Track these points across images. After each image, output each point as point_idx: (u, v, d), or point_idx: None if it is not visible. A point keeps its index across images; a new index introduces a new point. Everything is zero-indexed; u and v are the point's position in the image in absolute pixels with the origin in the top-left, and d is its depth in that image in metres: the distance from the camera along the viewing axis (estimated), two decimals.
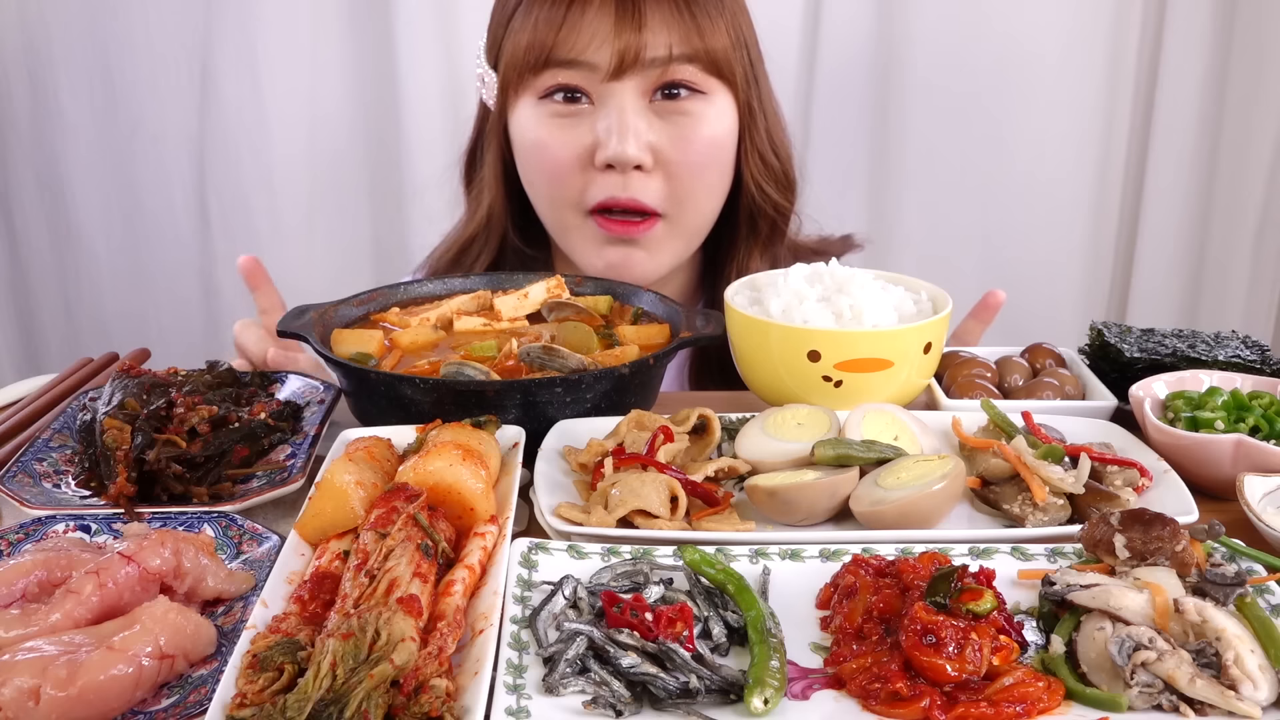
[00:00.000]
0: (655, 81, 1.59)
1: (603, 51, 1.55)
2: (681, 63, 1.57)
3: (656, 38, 1.54)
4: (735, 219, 1.76)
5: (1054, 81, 2.83)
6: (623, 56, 1.53)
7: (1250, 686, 0.86)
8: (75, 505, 1.16)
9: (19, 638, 0.90)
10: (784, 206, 1.75)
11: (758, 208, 1.73)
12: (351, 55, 2.85)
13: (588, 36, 1.55)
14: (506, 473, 1.15)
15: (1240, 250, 2.91)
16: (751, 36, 1.68)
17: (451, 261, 1.81)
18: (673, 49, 1.56)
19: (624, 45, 1.53)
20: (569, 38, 1.56)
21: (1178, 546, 0.96)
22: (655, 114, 1.61)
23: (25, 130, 2.90)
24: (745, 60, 1.64)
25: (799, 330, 1.31)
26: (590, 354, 1.37)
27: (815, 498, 1.13)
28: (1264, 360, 1.43)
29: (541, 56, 1.57)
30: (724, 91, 1.64)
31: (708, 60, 1.58)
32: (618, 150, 1.57)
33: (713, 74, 1.60)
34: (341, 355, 1.37)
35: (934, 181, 2.91)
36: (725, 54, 1.60)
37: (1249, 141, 2.83)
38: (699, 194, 1.67)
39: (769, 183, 1.71)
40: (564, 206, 1.68)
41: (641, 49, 1.54)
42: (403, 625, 0.84)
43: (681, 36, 1.56)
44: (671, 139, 1.61)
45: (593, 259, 1.70)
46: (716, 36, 1.58)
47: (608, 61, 1.55)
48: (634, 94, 1.58)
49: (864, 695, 0.87)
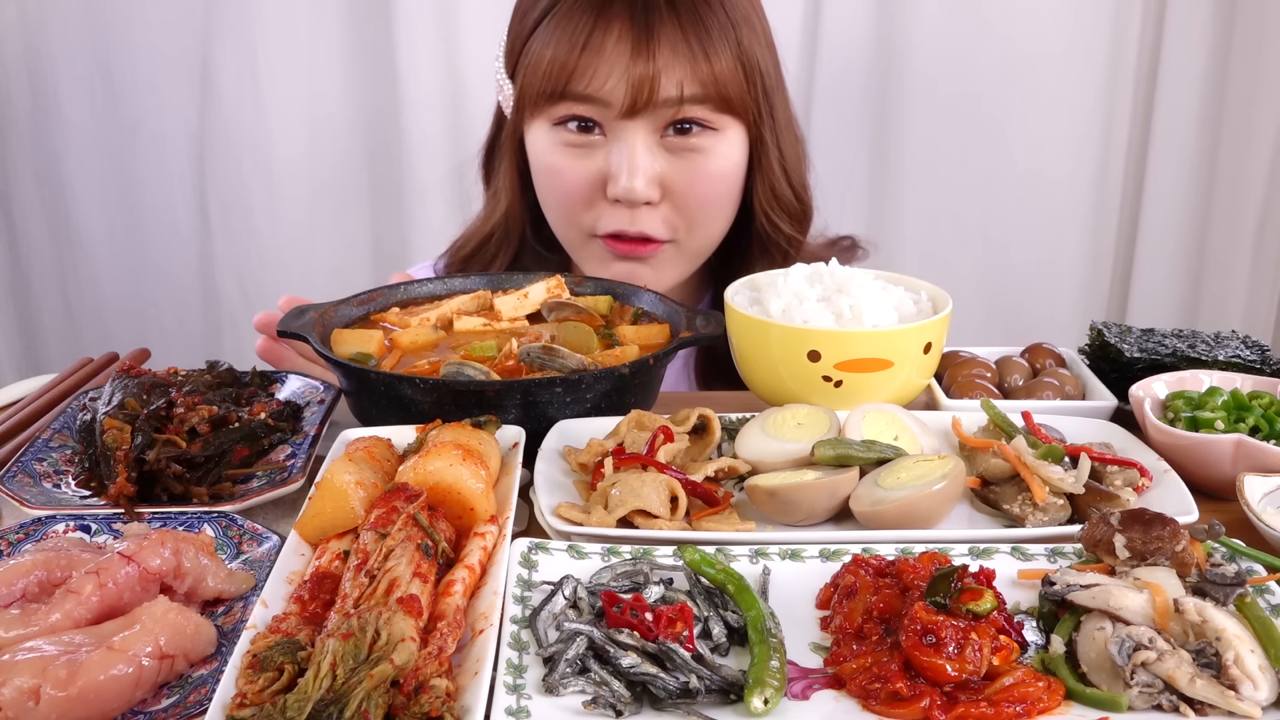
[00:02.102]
0: (667, 119, 1.61)
1: (618, 89, 1.57)
2: (693, 104, 1.59)
3: (669, 77, 1.56)
4: (748, 236, 1.77)
5: (1054, 82, 2.83)
6: (635, 96, 1.56)
7: (1250, 686, 0.86)
8: (75, 505, 1.16)
9: (19, 638, 0.90)
10: (795, 238, 1.76)
11: (768, 236, 1.75)
12: (351, 55, 2.85)
13: (605, 70, 1.56)
14: (506, 473, 1.15)
15: (1240, 250, 2.91)
16: (768, 59, 1.67)
17: (469, 256, 1.83)
18: (684, 88, 1.57)
19: (638, 85, 1.55)
20: (586, 70, 1.57)
21: (1178, 546, 0.96)
22: (666, 149, 1.63)
23: (25, 130, 2.90)
24: (758, 89, 1.64)
25: (799, 330, 1.31)
26: (590, 354, 1.37)
27: (815, 498, 1.13)
28: (1264, 360, 1.43)
29: (559, 88, 1.60)
30: (735, 125, 1.65)
31: (719, 99, 1.60)
32: (628, 187, 1.60)
33: (724, 111, 1.62)
34: (341, 355, 1.37)
35: (934, 181, 2.91)
36: (737, 89, 1.61)
37: (1249, 141, 2.83)
38: (706, 223, 1.70)
39: (779, 214, 1.73)
40: (574, 228, 1.72)
41: (655, 89, 1.56)
42: (403, 625, 0.84)
43: (691, 72, 1.57)
44: (680, 173, 1.64)
45: (600, 272, 1.73)
46: (729, 76, 1.59)
47: (621, 100, 1.57)
48: (646, 131, 1.61)
49: (864, 695, 0.87)
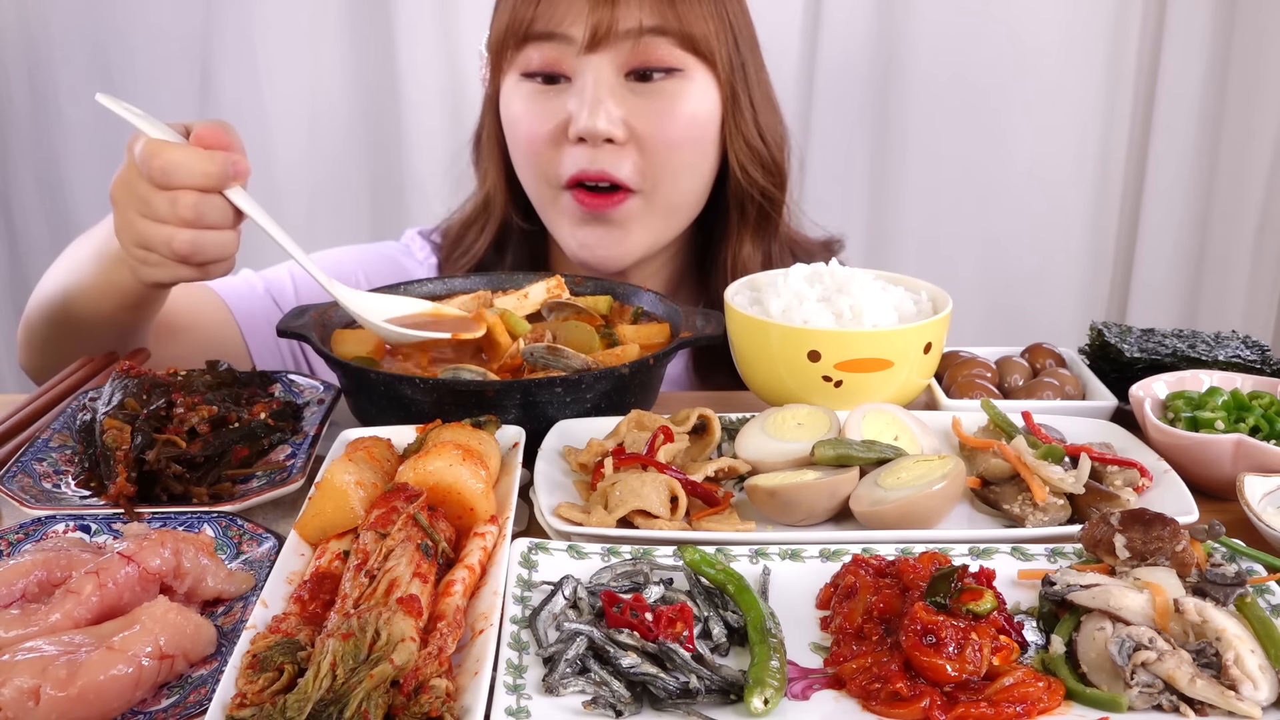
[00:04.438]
0: (630, 58, 1.60)
1: (578, 24, 1.58)
2: (655, 35, 1.59)
3: (629, 7, 1.57)
4: (725, 205, 1.76)
5: (1054, 81, 2.83)
6: (596, 28, 1.57)
7: (1250, 686, 0.86)
8: (75, 505, 1.16)
9: (19, 638, 0.90)
10: (772, 192, 1.74)
11: (745, 192, 1.73)
12: (351, 54, 2.86)
13: (564, 9, 1.59)
14: (506, 473, 1.15)
15: (1240, 250, 2.91)
16: (744, 27, 1.69)
17: (456, 237, 1.84)
18: (644, 20, 1.58)
19: (598, 18, 1.57)
20: (546, 11, 1.60)
21: (1178, 546, 0.96)
22: (631, 92, 1.62)
23: (25, 130, 2.91)
24: (730, 45, 1.65)
25: (799, 330, 1.31)
26: (591, 353, 1.37)
27: (815, 498, 1.13)
28: (1264, 360, 1.43)
29: (521, 30, 1.62)
30: (704, 71, 1.64)
31: (682, 35, 1.59)
32: (588, 123, 1.59)
33: (689, 50, 1.61)
34: (341, 355, 1.37)
35: (934, 181, 2.91)
36: (704, 33, 1.61)
37: (1249, 141, 2.83)
38: (675, 170, 1.67)
39: (755, 166, 1.71)
40: (542, 181, 1.70)
41: (615, 19, 1.57)
42: (403, 625, 0.84)
43: (653, 6, 1.58)
44: (646, 114, 1.62)
45: (568, 238, 1.72)
46: (695, 15, 1.60)
47: (583, 34, 1.58)
48: (609, 68, 1.60)
49: (864, 695, 0.87)
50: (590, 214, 1.67)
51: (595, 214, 1.67)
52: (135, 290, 1.41)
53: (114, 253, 1.37)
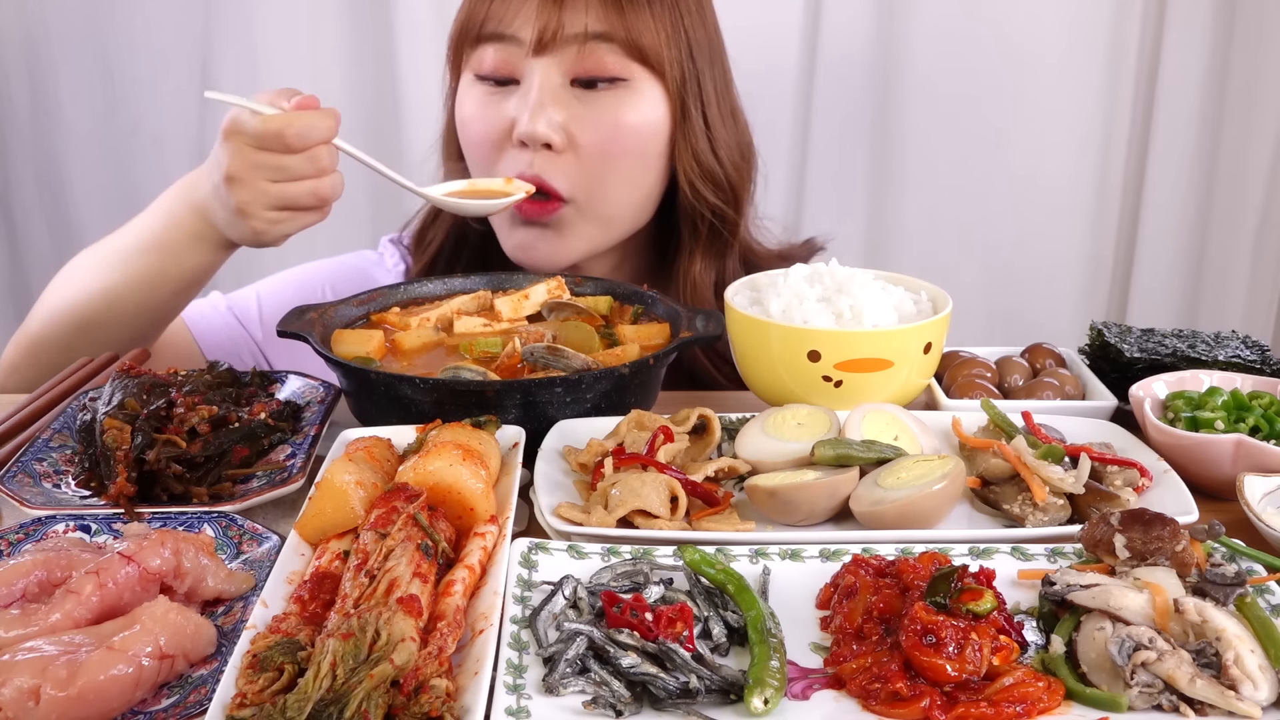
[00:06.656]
0: (576, 64, 1.59)
1: (527, 26, 1.58)
2: (601, 41, 1.58)
3: (575, 11, 1.57)
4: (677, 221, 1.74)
5: (1054, 82, 2.83)
6: (543, 31, 1.57)
7: (1250, 686, 0.86)
8: (75, 505, 1.16)
9: (19, 638, 0.90)
10: (723, 210, 1.71)
11: (694, 209, 1.70)
12: (351, 55, 2.85)
13: (514, 10, 1.59)
14: (506, 473, 1.15)
15: (1240, 250, 2.91)
16: (702, 40, 1.66)
17: (418, 235, 1.84)
18: (589, 26, 1.57)
19: (545, 20, 1.57)
20: (498, 11, 1.61)
21: (1178, 546, 0.96)
22: (576, 99, 1.61)
23: (25, 130, 2.90)
24: (684, 57, 1.63)
25: (799, 330, 1.31)
26: (591, 353, 1.37)
27: (815, 498, 1.13)
28: (1264, 360, 1.43)
29: (474, 30, 1.63)
30: (652, 82, 1.62)
31: (629, 43, 1.58)
32: (528, 127, 1.59)
33: (636, 59, 1.60)
34: (342, 355, 1.37)
35: (934, 182, 2.91)
36: (653, 43, 1.59)
37: (1249, 142, 2.83)
38: (611, 181, 1.65)
39: (704, 183, 1.68)
40: None
41: (562, 22, 1.57)
42: (403, 625, 0.84)
43: (602, 12, 1.58)
44: (587, 122, 1.61)
45: (506, 238, 1.71)
46: (644, 25, 1.59)
47: (530, 36, 1.58)
48: (556, 73, 1.60)
49: (864, 695, 0.87)
50: (525, 219, 1.66)
51: (529, 219, 1.65)
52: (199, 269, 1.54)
53: (171, 241, 1.52)
